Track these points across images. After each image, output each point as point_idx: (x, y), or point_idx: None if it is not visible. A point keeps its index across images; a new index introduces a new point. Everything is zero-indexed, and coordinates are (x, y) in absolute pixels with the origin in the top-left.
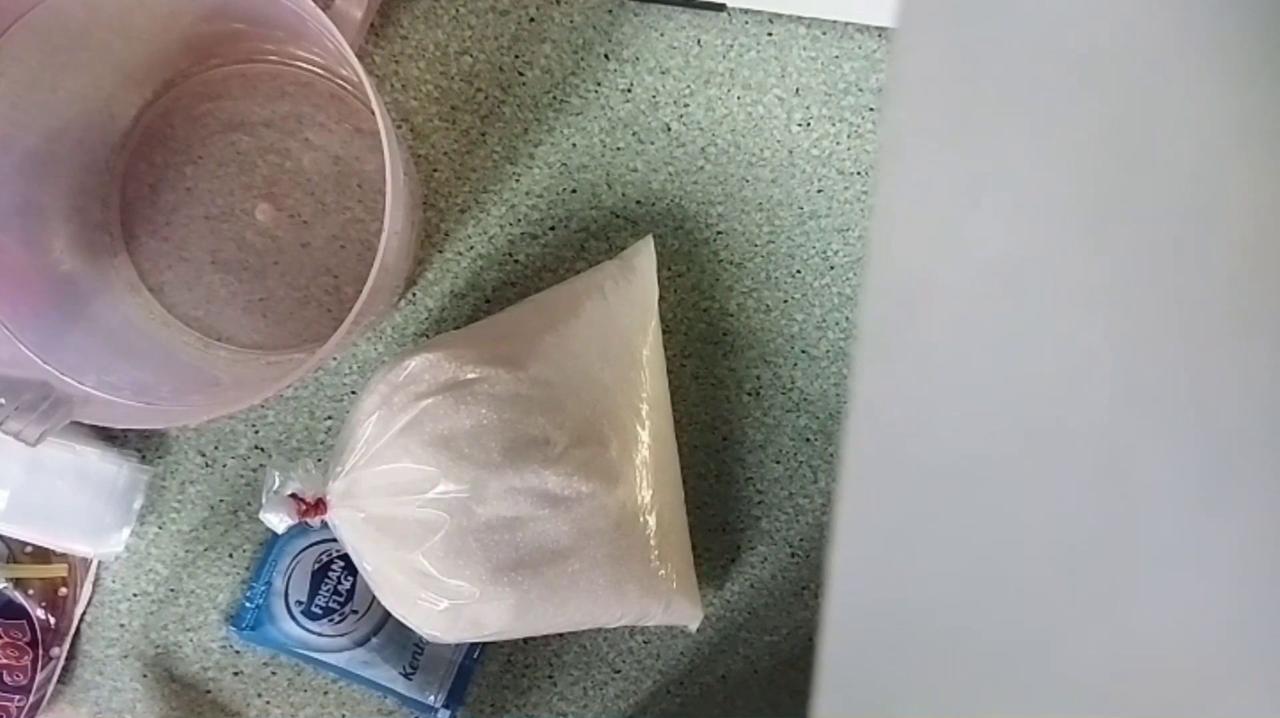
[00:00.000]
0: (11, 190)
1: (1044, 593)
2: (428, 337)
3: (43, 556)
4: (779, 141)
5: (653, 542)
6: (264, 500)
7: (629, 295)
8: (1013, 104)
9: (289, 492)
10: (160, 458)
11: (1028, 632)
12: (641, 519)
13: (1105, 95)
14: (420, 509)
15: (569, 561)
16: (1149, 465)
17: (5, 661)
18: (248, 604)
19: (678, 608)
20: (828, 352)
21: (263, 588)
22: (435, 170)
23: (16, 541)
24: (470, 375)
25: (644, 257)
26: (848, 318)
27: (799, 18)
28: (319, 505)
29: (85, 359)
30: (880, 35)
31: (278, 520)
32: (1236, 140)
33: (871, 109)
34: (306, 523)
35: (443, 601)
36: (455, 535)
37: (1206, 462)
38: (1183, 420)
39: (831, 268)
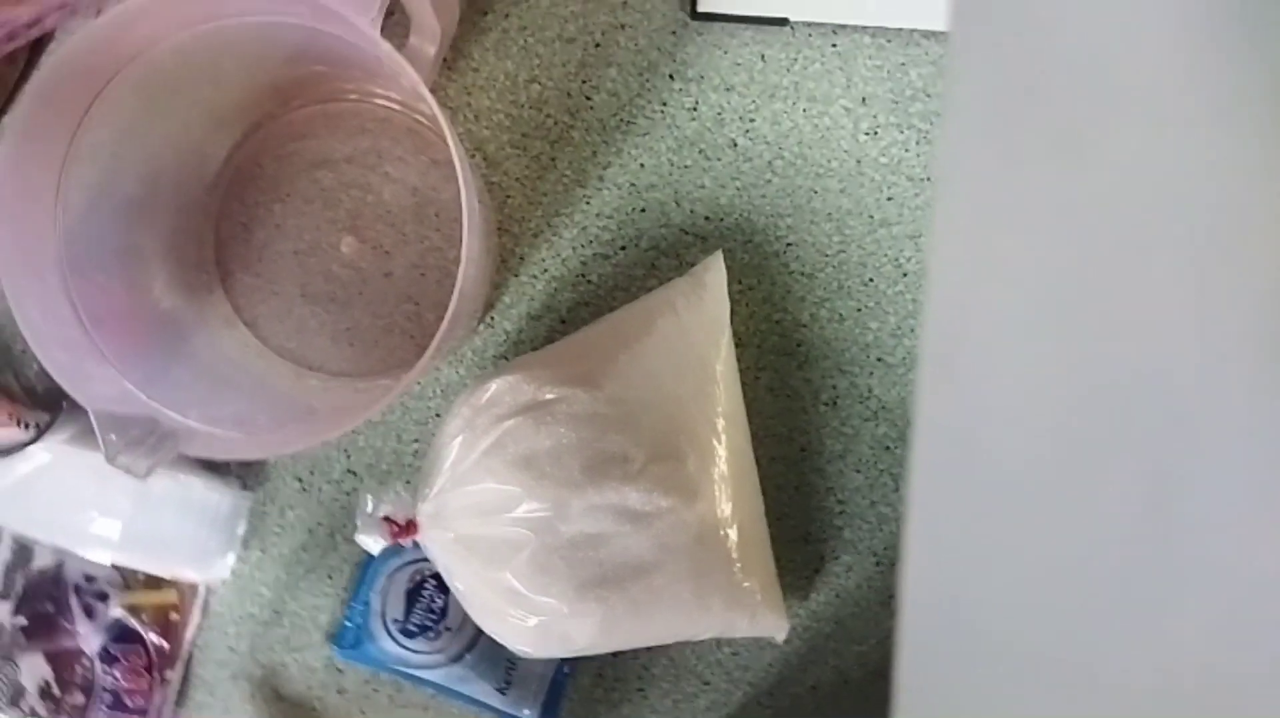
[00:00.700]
0: (113, 234)
1: (1109, 610)
2: (506, 359)
3: (154, 583)
4: (846, 151)
5: (735, 554)
6: (358, 523)
7: (700, 311)
8: (1059, 133)
9: (381, 514)
10: (260, 484)
11: (1097, 648)
12: (722, 533)
13: (1147, 125)
14: (506, 528)
15: (652, 576)
16: (1201, 485)
17: (126, 684)
18: (348, 624)
19: (763, 620)
20: (904, 359)
21: (361, 607)
22: (508, 197)
23: (129, 569)
24: (549, 396)
25: (714, 272)
26: None
27: (863, 27)
28: (410, 527)
29: (187, 394)
30: (946, 40)
31: (372, 542)
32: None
33: (939, 114)
34: (399, 544)
35: (532, 617)
36: (541, 553)
37: (1257, 478)
38: (1233, 439)
39: (904, 275)
